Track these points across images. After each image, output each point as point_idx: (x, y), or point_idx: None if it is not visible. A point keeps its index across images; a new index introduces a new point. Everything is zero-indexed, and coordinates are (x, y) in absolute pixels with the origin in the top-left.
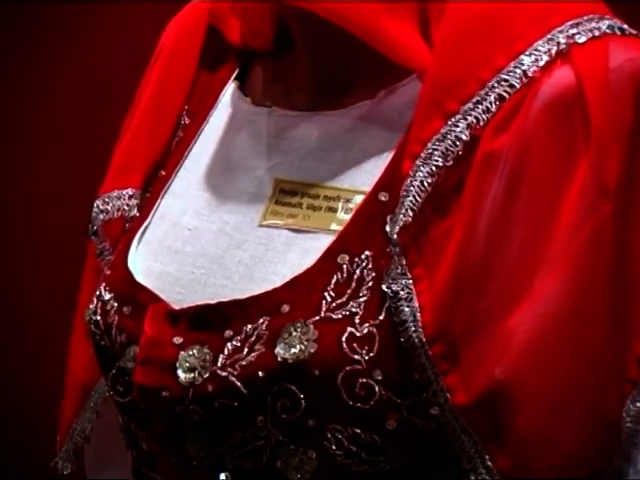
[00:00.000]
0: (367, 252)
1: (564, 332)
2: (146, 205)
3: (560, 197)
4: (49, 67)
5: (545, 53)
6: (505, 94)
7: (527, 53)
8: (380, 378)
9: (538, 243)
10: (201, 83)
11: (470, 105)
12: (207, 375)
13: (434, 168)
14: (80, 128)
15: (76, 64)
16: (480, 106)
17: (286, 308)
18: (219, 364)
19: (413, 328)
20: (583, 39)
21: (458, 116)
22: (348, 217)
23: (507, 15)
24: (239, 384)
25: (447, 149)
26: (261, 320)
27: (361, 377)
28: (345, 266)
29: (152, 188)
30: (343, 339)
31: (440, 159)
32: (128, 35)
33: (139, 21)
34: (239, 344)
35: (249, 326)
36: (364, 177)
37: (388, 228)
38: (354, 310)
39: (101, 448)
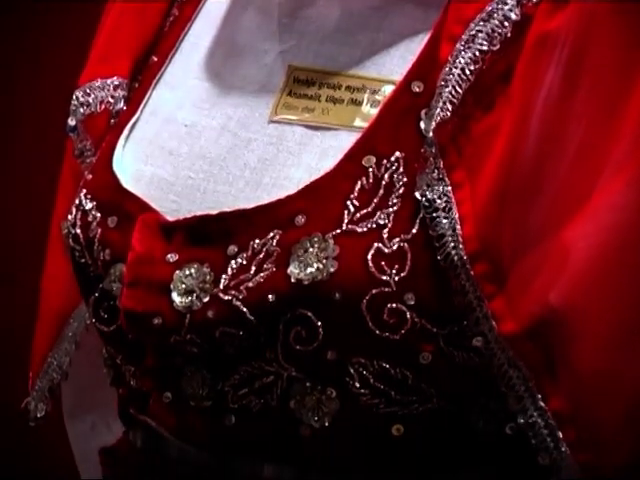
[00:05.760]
0: (397, 153)
1: (632, 248)
2: (135, 97)
3: (628, 88)
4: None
5: None
6: None
7: None
8: (412, 303)
9: (601, 142)
10: None
11: None
12: (207, 299)
13: (478, 53)
14: None
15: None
16: None
17: (301, 220)
18: (221, 286)
19: (452, 243)
20: None
21: None
22: (375, 111)
23: None
24: (245, 309)
25: (493, 30)
26: (271, 234)
27: (390, 301)
28: (371, 170)
29: (142, 77)
30: (369, 256)
31: (485, 42)
32: None
33: None
34: (245, 262)
35: (257, 241)
36: (394, 64)
37: (423, 124)
38: (382, 222)
39: (81, 386)
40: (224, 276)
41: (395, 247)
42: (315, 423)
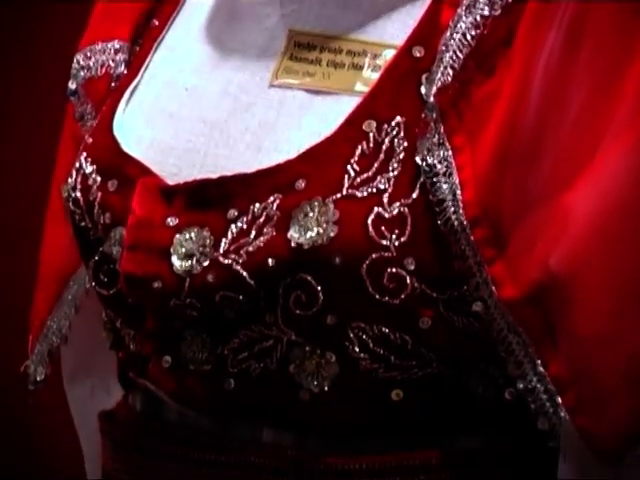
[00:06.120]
0: (398, 118)
1: (632, 213)
2: (135, 61)
3: (630, 52)
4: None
5: None
6: None
7: None
8: (412, 268)
9: (602, 107)
10: None
11: None
12: (207, 263)
13: (479, 18)
14: None
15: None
16: None
17: (301, 184)
18: (221, 250)
19: (452, 208)
20: None
21: None
22: (376, 76)
23: None
24: (245, 273)
25: None
26: (271, 198)
27: (390, 266)
28: (372, 134)
29: (142, 40)
30: (369, 221)
31: (486, 7)
32: None
33: None
34: (245, 226)
35: (257, 205)
36: (395, 28)
37: (423, 89)
38: (382, 187)
39: (81, 350)
40: (224, 240)
41: (395, 212)
42: (314, 387)
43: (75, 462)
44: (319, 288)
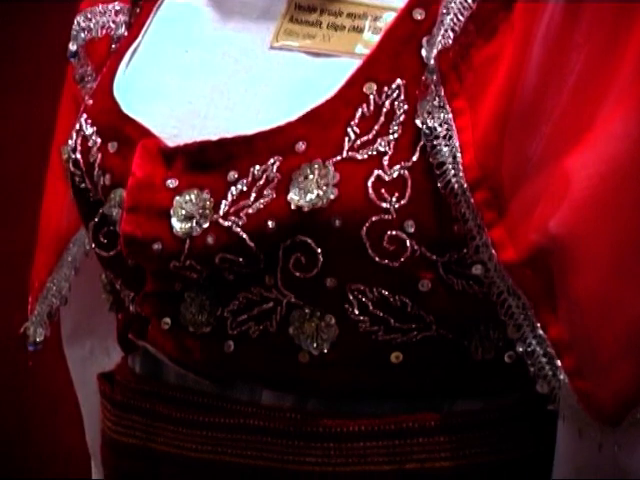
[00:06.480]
0: (399, 80)
1: (631, 177)
2: (136, 22)
3: (630, 18)
4: None
5: None
6: None
7: None
8: (412, 230)
9: (602, 72)
10: None
11: None
12: (207, 225)
13: None
14: None
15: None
16: None
17: (301, 146)
18: (221, 212)
19: (452, 171)
20: None
21: None
22: (376, 39)
23: None
24: (245, 236)
25: None
26: (271, 160)
27: (390, 229)
28: (372, 97)
29: (143, 2)
30: (369, 183)
31: None
32: None
33: None
34: (245, 188)
35: (257, 167)
36: None
37: (424, 52)
38: (382, 149)
39: (80, 311)
40: (224, 202)
41: (395, 174)
42: (314, 350)
43: (75, 421)
44: (319, 251)
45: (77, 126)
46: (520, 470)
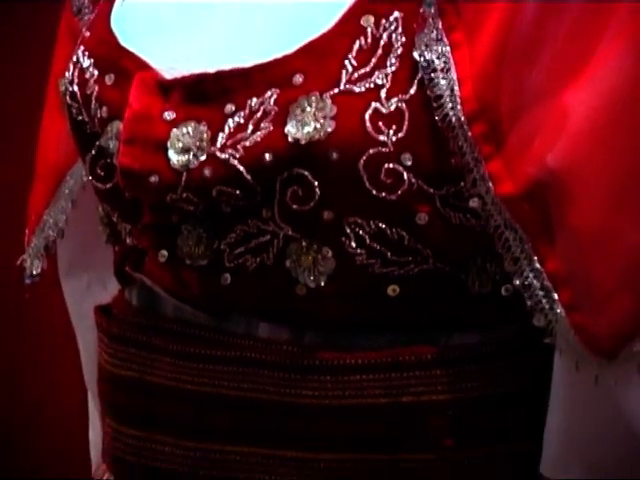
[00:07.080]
0: (396, 13)
1: (628, 111)
2: None
3: None
4: None
5: None
6: None
7: None
8: (409, 163)
9: (601, 6)
10: None
11: None
12: (204, 157)
13: None
14: None
15: None
16: None
17: (299, 79)
18: (218, 144)
19: (450, 104)
20: None
21: None
22: None
23: None
24: (242, 168)
25: None
26: (269, 93)
27: (387, 162)
28: (370, 29)
29: None
30: (366, 116)
31: None
32: None
33: None
34: (242, 121)
35: (254, 100)
36: None
37: None
38: (380, 82)
39: (77, 244)
40: (221, 134)
41: (393, 107)
42: (311, 282)
43: (71, 356)
44: (316, 183)
45: (74, 58)
46: (517, 403)
